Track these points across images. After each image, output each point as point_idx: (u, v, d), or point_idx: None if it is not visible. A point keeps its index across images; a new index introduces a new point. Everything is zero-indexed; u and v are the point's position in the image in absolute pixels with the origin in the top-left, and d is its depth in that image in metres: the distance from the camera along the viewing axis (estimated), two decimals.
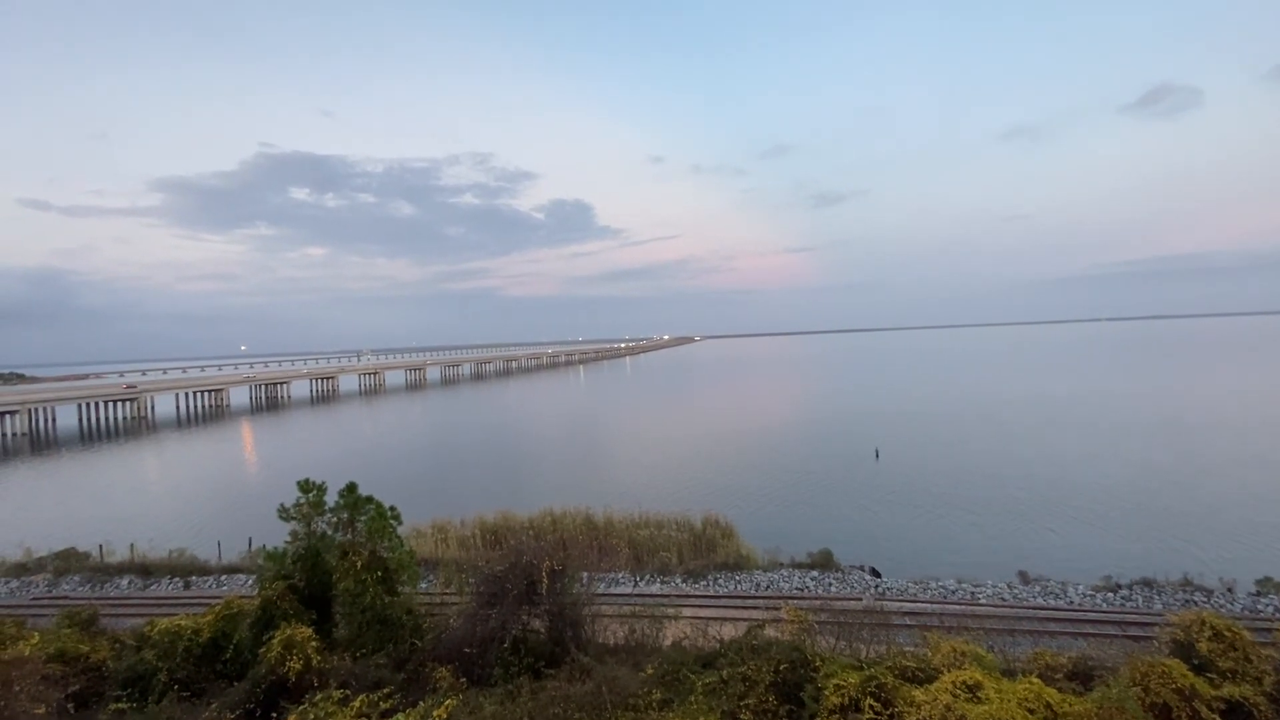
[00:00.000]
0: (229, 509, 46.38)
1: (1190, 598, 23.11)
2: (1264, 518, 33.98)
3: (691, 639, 15.46)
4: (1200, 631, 11.87)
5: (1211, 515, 34.88)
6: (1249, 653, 11.46)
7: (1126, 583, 24.72)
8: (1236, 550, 29.70)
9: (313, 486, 17.18)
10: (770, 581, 26.40)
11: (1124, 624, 20.44)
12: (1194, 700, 9.95)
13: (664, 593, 25.12)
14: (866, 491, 43.34)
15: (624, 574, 27.96)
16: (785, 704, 10.48)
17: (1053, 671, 12.24)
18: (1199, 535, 31.96)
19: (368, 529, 16.31)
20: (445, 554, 30.85)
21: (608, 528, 32.43)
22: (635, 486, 46.49)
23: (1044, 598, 23.80)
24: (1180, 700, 9.95)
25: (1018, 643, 18.53)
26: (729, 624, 20.03)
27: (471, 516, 35.02)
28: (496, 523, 33.61)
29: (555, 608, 14.65)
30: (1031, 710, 8.87)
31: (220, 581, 29.89)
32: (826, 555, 28.41)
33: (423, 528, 33.50)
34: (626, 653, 15.28)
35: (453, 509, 37.48)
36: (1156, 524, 33.97)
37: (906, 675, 10.61)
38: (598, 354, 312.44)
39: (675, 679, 11.64)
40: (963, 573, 26.81)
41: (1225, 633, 11.71)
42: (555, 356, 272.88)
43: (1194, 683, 10.18)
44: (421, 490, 48.29)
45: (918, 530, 34.95)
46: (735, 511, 36.98)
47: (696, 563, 28.66)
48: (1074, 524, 34.77)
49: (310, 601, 15.98)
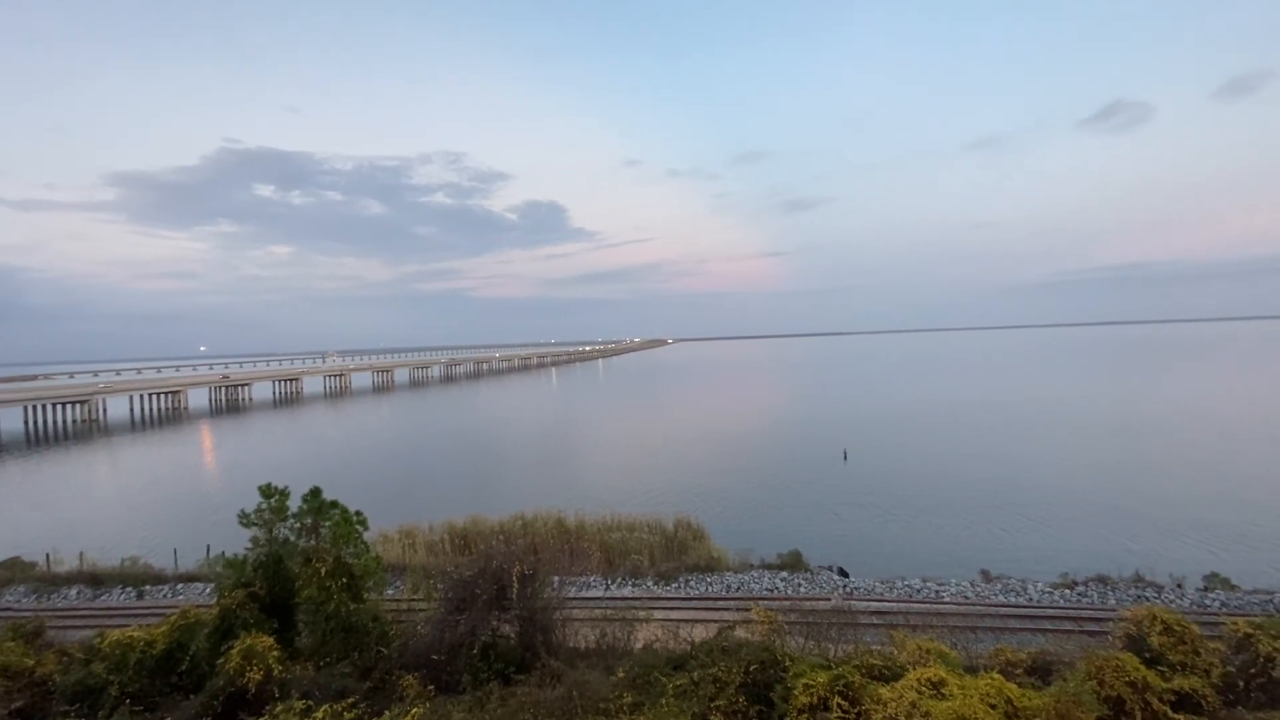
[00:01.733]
0: (186, 515, 44.83)
1: (1142, 594, 23.97)
2: (1211, 517, 35.49)
3: (663, 641, 15.47)
4: (1152, 626, 12.34)
5: (1162, 514, 36.29)
6: (1197, 646, 11.96)
7: (1082, 580, 25.54)
8: (1185, 548, 30.95)
9: (275, 491, 16.71)
10: (741, 583, 26.56)
11: (1080, 620, 21.11)
12: (1146, 692, 10.33)
13: (636, 595, 25.09)
14: (835, 493, 43.97)
15: (595, 577, 27.84)
16: (755, 704, 10.56)
17: (1013, 667, 12.60)
18: (1150, 534, 33.22)
19: (332, 535, 15.91)
20: (413, 560, 30.32)
21: (579, 531, 32.28)
22: (607, 489, 46.39)
23: (1005, 595, 24.44)
24: (1133, 693, 10.33)
25: (980, 639, 19.04)
26: (700, 625, 20.09)
27: (440, 521, 34.50)
28: (466, 527, 33.17)
29: (526, 612, 14.51)
30: (993, 705, 9.08)
31: (176, 591, 28.85)
32: (796, 556, 28.72)
33: (390, 533, 32.87)
34: (598, 656, 15.21)
35: (421, 514, 36.87)
36: (1110, 523, 35.21)
37: (873, 674, 10.78)
38: (570, 356, 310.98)
39: (646, 682, 11.62)
40: (928, 572, 27.38)
41: (1175, 627, 12.20)
42: (527, 359, 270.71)
43: (1146, 675, 10.57)
44: (388, 495, 47.39)
45: (884, 530, 35.61)
46: (706, 513, 37.18)
47: (668, 565, 28.69)
48: (1033, 523, 35.82)
49: (272, 610, 15.53)
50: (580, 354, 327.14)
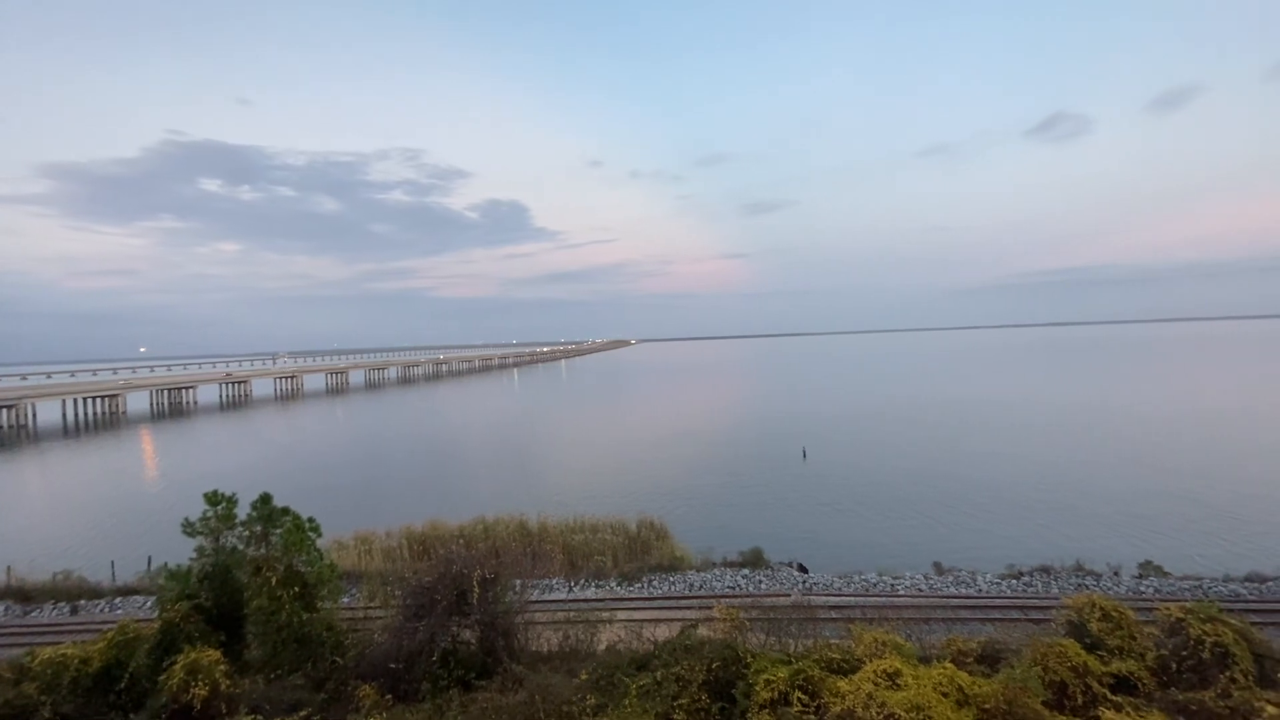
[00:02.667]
0: (124, 526, 42.64)
1: (1083, 581, 25.17)
2: (1144, 508, 37.49)
3: (626, 642, 15.46)
4: (1091, 613, 12.95)
5: (1099, 507, 38.15)
6: (1133, 631, 12.60)
7: (1028, 570, 26.68)
8: (1121, 538, 32.59)
9: (222, 498, 16.04)
10: (703, 581, 26.79)
11: (1026, 608, 22.01)
12: (1087, 677, 10.84)
13: (599, 597, 25.04)
14: (795, 490, 44.76)
15: (558, 580, 27.68)
16: (718, 701, 10.65)
17: (964, 656, 13.04)
18: (1089, 525, 34.87)
19: (284, 542, 15.36)
20: (369, 566, 29.57)
21: (542, 533, 32.01)
22: (571, 491, 46.15)
23: (956, 587, 25.31)
24: (1075, 677, 10.82)
25: (933, 630, 19.62)
26: (663, 625, 20.16)
27: (398, 527, 33.71)
28: (425, 532, 32.51)
29: (487, 617, 14.29)
30: (945, 694, 9.38)
31: (114, 605, 27.42)
32: (757, 553, 29.14)
33: (345, 540, 31.97)
34: (561, 659, 15.12)
35: (378, 519, 35.97)
36: (1052, 515, 36.84)
37: (832, 667, 11.01)
38: (532, 357, 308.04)
39: (609, 683, 11.60)
40: (883, 565, 28.14)
41: (1113, 613, 12.83)
42: (488, 360, 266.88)
43: (1087, 660, 11.09)
44: (344, 500, 46.07)
45: (842, 526, 36.42)
46: (670, 513, 37.35)
47: (631, 565, 28.73)
48: (982, 516, 37.20)
49: (219, 622, 14.90)
50: (543, 355, 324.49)
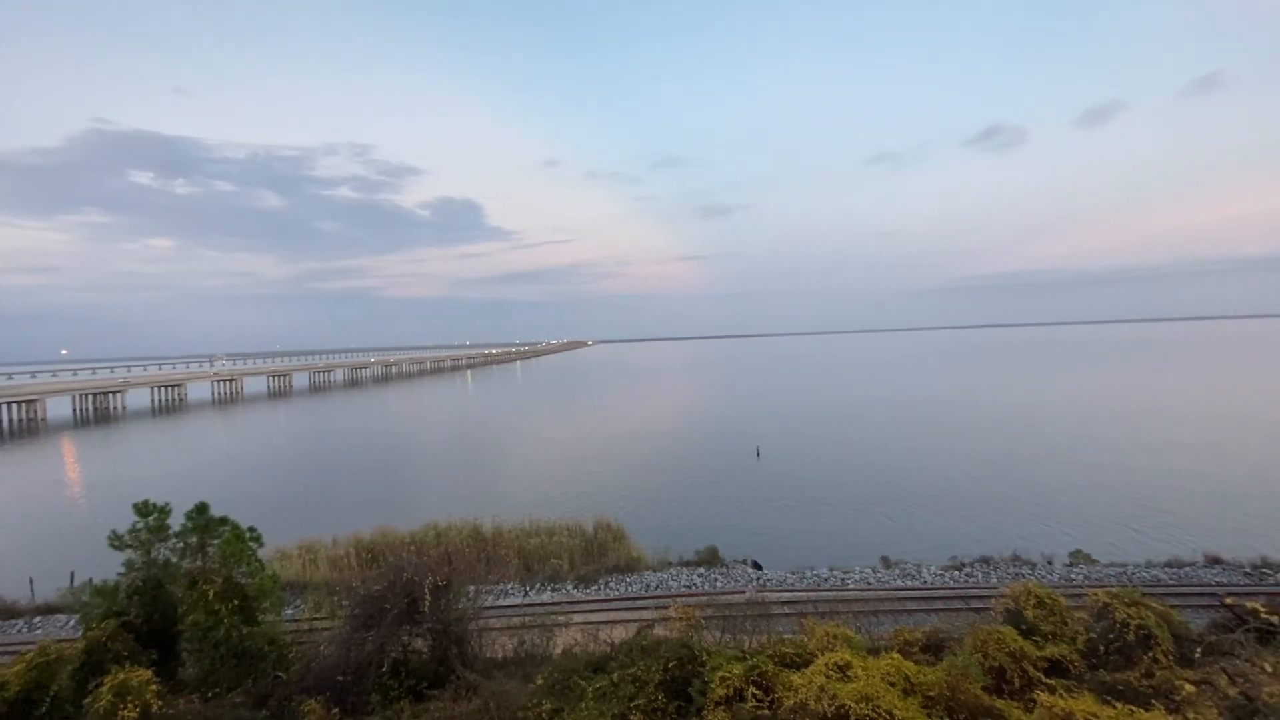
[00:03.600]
0: (43, 540, 39.88)
1: (1019, 571, 26.40)
2: (1073, 500, 39.63)
3: (583, 645, 15.39)
4: (1027, 600, 13.64)
5: (1034, 499, 40.14)
6: (1065, 617, 13.33)
7: (969, 561, 27.84)
8: (1054, 528, 34.36)
9: (154, 509, 15.20)
10: (660, 581, 26.90)
11: (968, 598, 22.95)
12: (1023, 661, 11.40)
13: (555, 600, 24.83)
14: (749, 488, 45.47)
15: (513, 584, 27.31)
16: (674, 700, 10.71)
17: (910, 646, 13.52)
18: (1025, 517, 36.62)
19: (222, 553, 14.67)
20: (315, 576, 28.52)
21: (496, 538, 31.54)
22: (526, 494, 45.65)
23: (903, 579, 26.18)
24: (1012, 662, 11.37)
25: (881, 622, 20.27)
26: (620, 626, 20.15)
27: (346, 535, 32.65)
28: (374, 540, 31.56)
29: (439, 625, 13.99)
30: (893, 683, 9.70)
31: (33, 625, 25.60)
32: (713, 552, 29.46)
33: (289, 549, 30.76)
34: (516, 665, 14.94)
35: (324, 527, 34.74)
36: (992, 508, 38.55)
37: (785, 661, 11.23)
38: (486, 359, 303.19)
39: (566, 687, 11.52)
40: (834, 560, 28.88)
41: (1046, 600, 13.54)
42: (440, 361, 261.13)
43: (1023, 646, 11.66)
44: (287, 508, 44.31)
45: (795, 523, 37.20)
46: (626, 514, 37.37)
47: (588, 568, 28.60)
48: (926, 510, 38.62)
49: (150, 640, 14.11)
50: (497, 356, 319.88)
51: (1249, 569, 25.61)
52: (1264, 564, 25.84)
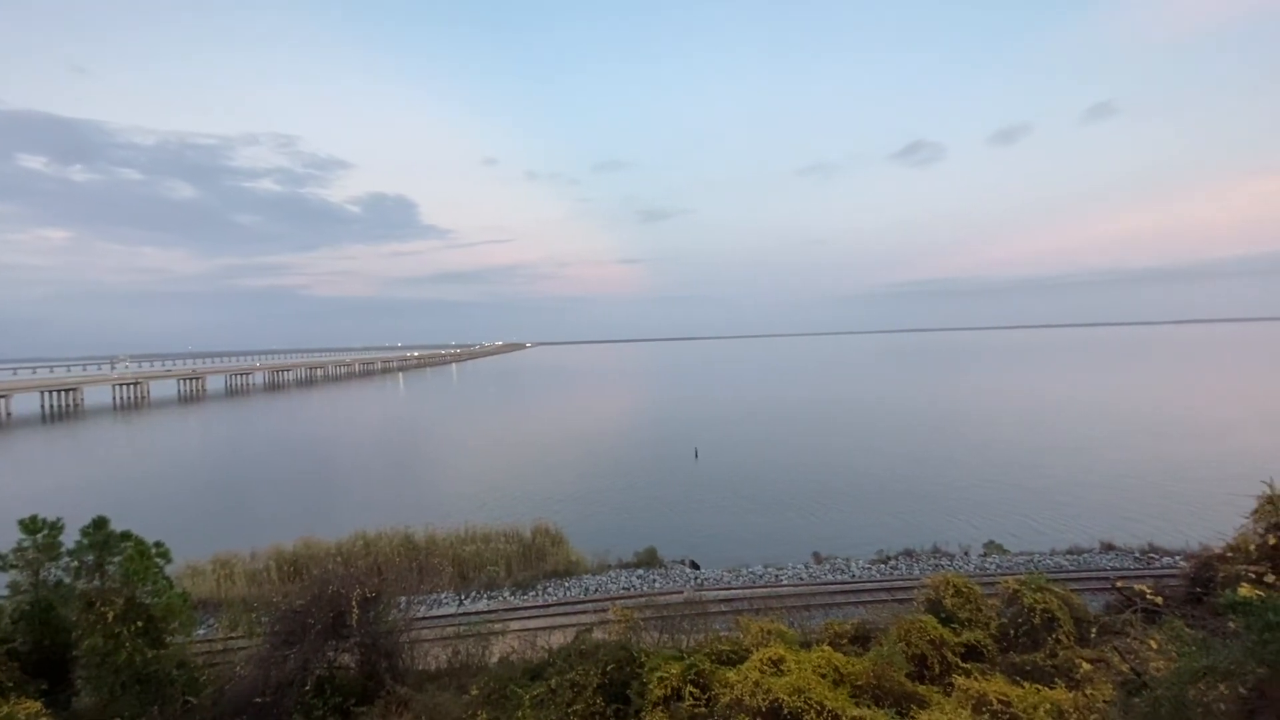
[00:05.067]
0: None
1: (939, 562, 27.92)
2: (985, 494, 42.25)
3: (520, 652, 15.17)
4: (946, 590, 14.45)
5: (951, 494, 42.54)
6: (980, 604, 14.21)
7: (894, 554, 29.22)
8: (969, 521, 36.49)
9: (43, 525, 13.90)
10: (599, 584, 26.83)
11: (893, 590, 24.04)
12: (943, 648, 12.07)
13: (491, 608, 24.32)
14: (687, 489, 46.02)
15: (448, 594, 26.58)
16: (613, 704, 10.70)
17: (840, 638, 14.06)
18: (943, 511, 38.74)
19: (123, 572, 13.55)
20: (231, 593, 26.83)
21: (430, 546, 30.57)
22: (461, 500, 44.52)
23: (833, 574, 27.18)
24: (933, 649, 12.01)
25: (813, 616, 20.94)
26: (558, 631, 19.97)
27: (265, 547, 30.86)
28: (297, 552, 29.95)
29: (368, 639, 13.44)
30: (824, 675, 10.05)
31: None
32: (651, 553, 29.65)
33: (201, 565, 28.80)
34: (451, 676, 14.55)
35: (240, 540, 32.73)
36: (914, 503, 40.57)
37: (722, 659, 11.44)
38: (420, 360, 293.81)
39: (502, 696, 11.31)
40: (769, 558, 29.64)
41: (964, 589, 14.40)
42: (370, 363, 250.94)
43: (943, 633, 12.34)
44: (199, 521, 41.48)
45: (732, 522, 37.92)
46: (565, 518, 37.09)
47: (526, 574, 28.19)
48: (854, 506, 40.23)
49: (40, 669, 12.89)
50: (432, 358, 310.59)
51: (1138, 554, 28.08)
52: (1151, 549, 28.40)
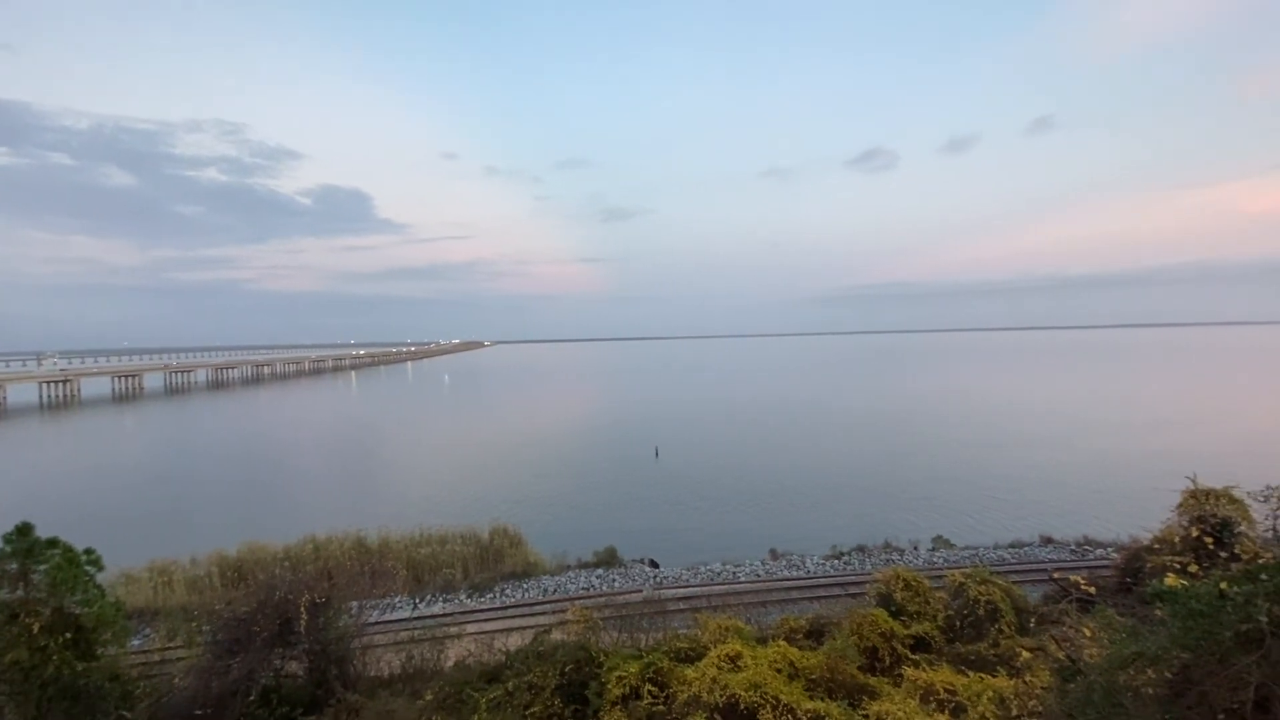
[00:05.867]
0: None
1: (890, 557, 28.77)
2: (933, 491, 43.75)
3: (476, 655, 14.94)
4: (896, 584, 14.90)
5: (902, 491, 43.90)
6: (928, 597, 14.70)
7: (847, 550, 29.98)
8: (919, 517, 37.71)
9: None
10: (558, 585, 26.67)
11: (846, 585, 24.67)
12: (893, 640, 12.44)
13: (447, 611, 23.89)
14: (648, 488, 46.18)
15: (402, 597, 25.97)
16: (571, 704, 10.66)
17: (795, 633, 14.34)
18: (894, 507, 39.95)
19: (51, 580, 12.75)
20: (169, 601, 25.62)
21: (383, 550, 29.78)
22: (417, 502, 43.58)
23: (789, 570, 27.70)
24: (884, 641, 12.37)
25: (770, 612, 21.31)
26: (516, 633, 19.79)
27: (207, 553, 29.54)
28: (241, 557, 28.75)
29: (317, 646, 13.04)
30: (779, 669, 10.23)
31: None
32: (611, 553, 29.64)
33: (136, 572, 27.39)
34: (404, 681, 14.25)
35: (180, 546, 31.24)
36: (866, 500, 41.71)
37: (681, 656, 11.52)
38: (374, 358, 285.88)
39: (458, 700, 11.13)
40: (726, 555, 29.99)
41: (913, 583, 14.87)
42: (321, 361, 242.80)
43: (893, 626, 12.73)
44: (135, 526, 39.46)
45: (691, 520, 38.23)
46: (524, 519, 36.71)
47: (483, 576, 27.80)
48: (810, 504, 41.11)
49: None
50: (386, 356, 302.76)
51: (1074, 546, 29.57)
52: (1086, 542, 29.94)
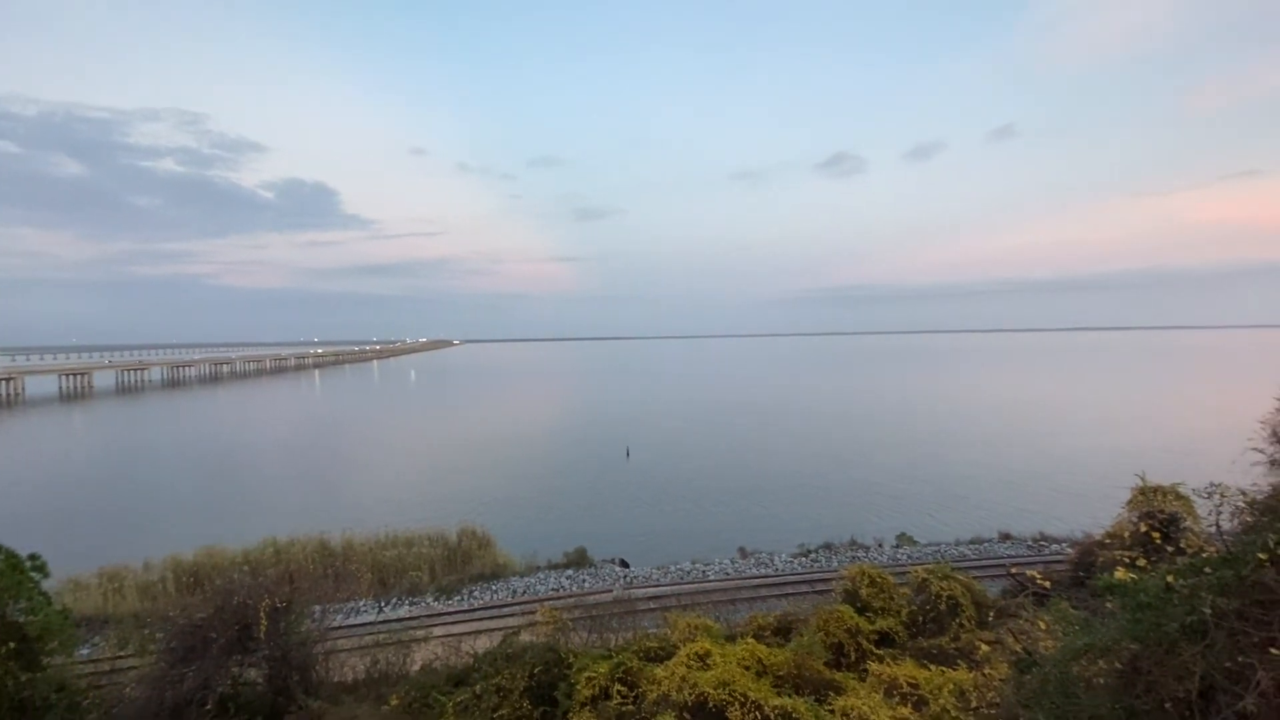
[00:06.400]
0: None
1: (856, 554, 29.30)
2: (897, 489, 44.73)
3: (444, 658, 14.74)
4: (861, 581, 15.17)
5: (866, 489, 44.76)
6: (893, 593, 15.01)
7: (814, 548, 30.43)
8: (884, 514, 38.51)
9: None
10: (527, 586, 26.46)
11: (813, 582, 25.05)
12: (858, 636, 12.67)
13: (413, 614, 23.51)
14: (618, 488, 46.14)
15: (366, 601, 25.46)
16: (540, 706, 10.59)
17: (764, 630, 14.50)
18: (859, 505, 40.71)
19: None
20: (121, 608, 24.65)
21: (347, 552, 29.19)
22: (382, 504, 42.76)
23: (758, 568, 27.99)
24: (849, 637, 12.59)
25: (738, 609, 21.52)
26: (484, 635, 19.57)
27: (162, 558, 28.51)
28: (198, 561, 27.82)
29: (278, 651, 12.68)
30: (748, 667, 10.32)
31: None
32: (581, 553, 29.53)
33: (85, 579, 26.30)
34: (369, 686, 13.97)
35: (133, 551, 30.12)
36: (832, 498, 42.43)
37: (650, 655, 11.54)
38: (339, 357, 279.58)
39: (425, 704, 10.97)
40: (696, 554, 30.17)
41: (878, 579, 15.16)
42: (283, 359, 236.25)
43: (858, 622, 12.97)
44: (84, 531, 37.85)
45: (661, 520, 38.35)
46: (493, 520, 36.31)
47: (451, 578, 27.41)
48: (777, 502, 41.61)
49: None
50: (352, 355, 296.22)
51: (1031, 542, 30.54)
52: (1042, 538, 30.95)
